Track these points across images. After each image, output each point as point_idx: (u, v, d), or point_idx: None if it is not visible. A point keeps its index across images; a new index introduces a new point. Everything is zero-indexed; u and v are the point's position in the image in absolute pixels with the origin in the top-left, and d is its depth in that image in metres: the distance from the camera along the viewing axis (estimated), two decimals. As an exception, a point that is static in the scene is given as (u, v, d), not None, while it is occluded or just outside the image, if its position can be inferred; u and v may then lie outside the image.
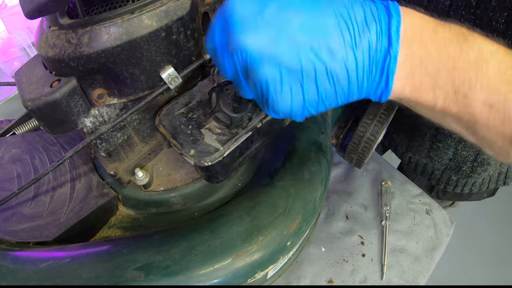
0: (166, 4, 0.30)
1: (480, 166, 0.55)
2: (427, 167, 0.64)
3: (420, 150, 0.60)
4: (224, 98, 0.32)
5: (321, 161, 0.42)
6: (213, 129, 0.34)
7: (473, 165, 0.56)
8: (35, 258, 0.34)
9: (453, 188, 0.63)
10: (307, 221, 0.38)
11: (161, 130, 0.35)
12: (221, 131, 0.34)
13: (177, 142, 0.33)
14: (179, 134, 0.34)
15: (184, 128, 0.34)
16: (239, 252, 0.34)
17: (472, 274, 1.32)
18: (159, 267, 0.32)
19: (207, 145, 0.33)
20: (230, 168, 0.36)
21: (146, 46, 0.30)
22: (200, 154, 0.32)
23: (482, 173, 0.57)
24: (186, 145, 0.33)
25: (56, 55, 0.30)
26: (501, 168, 0.57)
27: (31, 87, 0.32)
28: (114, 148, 0.37)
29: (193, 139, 0.33)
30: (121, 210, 0.42)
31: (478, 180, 0.60)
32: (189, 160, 0.32)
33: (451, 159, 0.57)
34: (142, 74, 0.32)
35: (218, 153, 0.32)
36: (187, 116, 0.35)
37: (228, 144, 0.33)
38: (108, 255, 0.34)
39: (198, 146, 0.33)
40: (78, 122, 0.33)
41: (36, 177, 0.34)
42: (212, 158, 0.32)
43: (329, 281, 0.49)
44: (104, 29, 0.29)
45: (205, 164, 0.32)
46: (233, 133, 0.33)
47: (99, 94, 0.33)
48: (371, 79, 0.21)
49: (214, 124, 0.34)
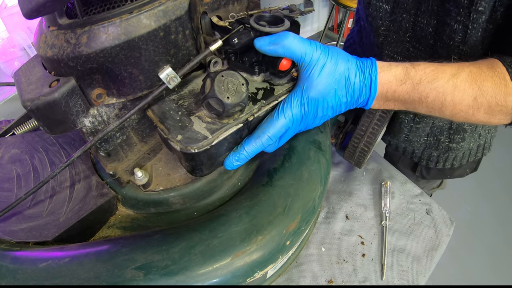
0: (165, 4, 0.30)
1: (457, 133, 0.58)
2: (407, 149, 0.67)
3: (398, 136, 0.64)
4: (219, 84, 0.32)
5: (320, 161, 0.42)
6: (203, 117, 0.33)
7: (449, 133, 0.58)
8: (34, 258, 0.34)
9: (435, 164, 0.65)
10: (306, 221, 0.38)
11: (149, 114, 0.34)
12: (211, 120, 0.33)
13: (164, 127, 0.32)
14: (167, 119, 0.33)
15: (173, 114, 0.33)
16: (238, 252, 0.34)
17: (472, 274, 1.32)
18: (158, 267, 0.32)
19: (196, 132, 0.32)
20: (216, 161, 0.35)
21: (144, 46, 0.30)
22: (188, 140, 0.31)
23: (461, 142, 0.59)
24: (173, 130, 0.32)
25: (55, 55, 0.30)
26: (480, 140, 0.61)
27: (30, 87, 0.32)
28: (113, 148, 0.37)
29: (182, 125, 0.32)
30: (121, 210, 0.42)
31: (458, 154, 0.62)
32: (175, 146, 0.31)
33: (428, 134, 0.60)
34: (140, 73, 0.32)
35: (206, 141, 0.31)
36: (178, 102, 0.35)
37: (217, 133, 0.32)
38: (107, 254, 0.34)
39: (186, 132, 0.32)
40: (77, 122, 0.33)
41: (44, 180, 0.33)
42: (200, 145, 0.31)
43: (329, 281, 0.49)
44: (102, 29, 0.29)
45: (191, 151, 0.31)
46: (223, 123, 0.33)
47: (98, 94, 0.33)
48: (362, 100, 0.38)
49: (204, 112, 0.34)
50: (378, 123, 0.44)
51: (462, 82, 0.35)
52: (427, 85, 0.35)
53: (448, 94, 0.35)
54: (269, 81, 0.38)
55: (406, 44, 0.51)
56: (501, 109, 0.36)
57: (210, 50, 0.34)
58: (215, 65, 0.37)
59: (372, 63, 0.35)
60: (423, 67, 0.36)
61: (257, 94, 0.37)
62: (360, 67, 0.35)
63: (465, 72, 0.35)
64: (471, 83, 0.35)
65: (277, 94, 0.36)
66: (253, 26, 0.36)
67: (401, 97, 0.36)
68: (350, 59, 0.36)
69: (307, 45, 0.34)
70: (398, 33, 0.50)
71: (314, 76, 0.34)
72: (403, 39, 0.50)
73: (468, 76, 0.35)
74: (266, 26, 0.36)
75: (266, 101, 0.36)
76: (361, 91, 0.36)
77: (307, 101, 0.35)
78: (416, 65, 0.36)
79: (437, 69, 0.36)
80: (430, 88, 0.35)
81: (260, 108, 0.35)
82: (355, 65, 0.35)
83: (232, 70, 0.33)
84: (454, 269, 1.32)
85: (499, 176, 1.65)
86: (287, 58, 0.36)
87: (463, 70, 0.35)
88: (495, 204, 1.55)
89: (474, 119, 0.37)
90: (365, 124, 0.44)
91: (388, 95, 0.36)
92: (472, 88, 0.35)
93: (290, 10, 0.41)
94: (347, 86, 0.35)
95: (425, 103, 0.36)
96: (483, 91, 0.35)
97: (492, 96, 0.35)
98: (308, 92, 0.35)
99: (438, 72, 0.35)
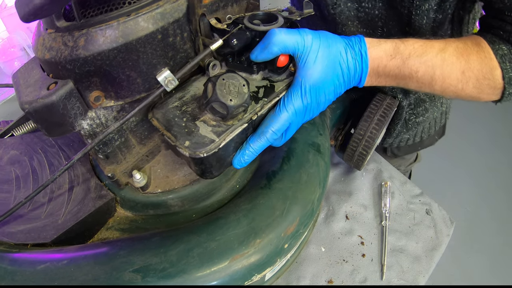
0: (162, 6, 0.30)
1: (418, 106, 0.60)
2: (384, 140, 0.68)
3: None
4: (221, 88, 0.32)
5: (319, 163, 0.42)
6: (208, 121, 0.34)
7: (410, 109, 0.61)
8: (33, 260, 0.34)
9: (406, 142, 0.67)
10: (304, 224, 0.38)
11: (154, 123, 0.34)
12: (217, 123, 0.33)
13: (171, 134, 0.33)
14: (173, 126, 0.33)
15: (178, 121, 0.34)
16: (236, 255, 0.34)
17: (472, 274, 1.32)
18: (156, 270, 0.32)
19: (202, 137, 0.32)
20: (225, 162, 0.35)
21: (142, 49, 0.30)
22: (195, 145, 0.31)
23: (425, 113, 0.62)
24: (180, 137, 0.32)
25: (52, 58, 0.30)
26: (442, 107, 0.65)
27: (28, 90, 0.32)
28: (112, 150, 0.37)
29: (188, 131, 0.33)
30: (119, 211, 0.42)
31: (425, 125, 0.65)
32: (184, 152, 0.31)
33: (402, 124, 0.62)
34: (138, 76, 0.32)
35: (213, 144, 0.32)
36: (181, 109, 0.35)
37: (223, 135, 0.32)
38: (106, 257, 0.34)
39: (193, 137, 0.32)
40: (75, 125, 0.33)
41: (44, 183, 0.33)
42: (208, 149, 0.31)
43: (329, 281, 0.49)
44: (100, 32, 0.29)
45: (200, 156, 0.31)
46: (228, 125, 0.33)
47: (96, 96, 0.33)
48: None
49: (209, 116, 0.34)
50: (376, 127, 0.44)
51: (450, 56, 0.36)
52: (416, 59, 0.36)
53: (437, 68, 0.36)
54: (268, 78, 0.38)
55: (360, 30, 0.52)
56: (489, 83, 0.37)
57: (211, 49, 0.34)
58: (213, 68, 0.37)
59: (360, 39, 0.36)
60: (412, 42, 0.37)
61: (258, 93, 0.37)
62: (349, 44, 0.36)
63: (452, 47, 0.37)
64: (458, 57, 0.36)
65: (277, 91, 0.37)
66: (247, 25, 0.36)
67: (392, 72, 0.37)
68: (339, 38, 0.36)
69: (296, 34, 0.34)
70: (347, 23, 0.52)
71: (310, 63, 0.34)
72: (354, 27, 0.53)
73: (455, 50, 0.37)
74: (261, 24, 0.36)
75: (268, 99, 0.36)
76: (355, 68, 0.36)
77: (307, 90, 0.35)
78: (405, 41, 0.37)
79: (426, 44, 0.37)
80: (419, 62, 0.36)
81: (262, 106, 0.36)
82: (345, 43, 0.36)
83: (232, 72, 0.33)
84: (454, 269, 1.32)
85: (499, 176, 1.64)
86: (284, 54, 0.36)
87: (450, 45, 0.37)
88: (495, 204, 1.54)
89: (464, 94, 0.39)
90: (363, 128, 0.44)
91: (379, 70, 0.37)
92: (460, 62, 0.36)
93: (290, 12, 0.41)
94: (342, 65, 0.36)
95: (415, 77, 0.37)
96: (470, 64, 0.36)
97: (478, 70, 0.37)
98: (307, 82, 0.35)
99: (427, 47, 0.37)
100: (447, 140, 2.01)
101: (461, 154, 1.72)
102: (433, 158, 1.65)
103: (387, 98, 0.47)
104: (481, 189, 1.59)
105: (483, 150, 1.75)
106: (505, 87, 0.38)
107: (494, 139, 1.80)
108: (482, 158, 1.71)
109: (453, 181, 1.62)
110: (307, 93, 0.36)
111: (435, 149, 0.76)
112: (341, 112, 0.54)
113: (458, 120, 1.85)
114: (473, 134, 1.82)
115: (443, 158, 1.68)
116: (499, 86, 0.38)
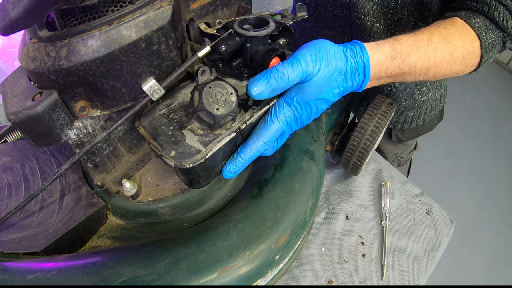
0: (146, 14, 0.29)
1: (422, 86, 0.64)
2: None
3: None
4: (208, 96, 0.31)
5: (312, 171, 0.41)
6: (195, 130, 0.33)
7: (418, 89, 0.64)
8: (23, 269, 0.34)
9: (409, 124, 0.69)
10: (296, 234, 0.37)
11: (140, 131, 0.34)
12: (204, 132, 0.32)
13: (157, 144, 0.32)
14: (159, 135, 0.32)
15: (165, 129, 0.33)
16: (225, 267, 0.33)
17: (472, 274, 1.30)
18: (143, 281, 0.32)
19: (189, 146, 0.31)
20: (213, 172, 0.35)
21: (125, 58, 0.29)
22: (181, 155, 0.31)
23: (428, 93, 0.65)
24: (166, 146, 0.31)
25: (36, 68, 0.29)
26: (441, 90, 0.69)
27: (14, 100, 0.32)
28: (101, 159, 0.37)
29: (174, 140, 0.32)
30: (111, 219, 0.42)
31: (428, 106, 0.69)
32: (169, 162, 0.31)
33: (406, 98, 0.65)
34: (123, 86, 0.31)
35: (200, 154, 0.31)
36: (168, 117, 0.34)
37: (210, 145, 0.31)
38: (94, 267, 0.34)
39: (179, 147, 0.31)
40: (62, 135, 0.33)
41: (33, 193, 0.33)
42: (194, 159, 0.30)
43: (329, 281, 0.48)
44: (81, 42, 0.28)
45: (186, 166, 0.30)
46: (216, 134, 0.32)
47: (81, 106, 0.32)
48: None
49: (196, 125, 0.33)
50: (370, 138, 0.42)
51: (438, 44, 0.39)
52: (413, 55, 0.38)
53: (431, 58, 0.39)
54: None
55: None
56: (471, 56, 0.41)
57: (198, 57, 0.32)
58: (203, 74, 0.36)
59: (361, 48, 0.36)
60: (404, 39, 0.38)
61: (248, 100, 0.36)
62: (350, 55, 0.35)
63: (436, 34, 0.39)
64: (444, 42, 0.39)
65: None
66: (237, 30, 0.35)
67: (393, 72, 0.38)
68: (338, 52, 0.35)
69: (299, 67, 0.32)
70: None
71: (306, 84, 0.33)
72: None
73: (439, 37, 0.39)
74: (251, 29, 0.35)
75: (257, 107, 0.35)
76: (354, 78, 0.36)
77: (300, 103, 0.35)
78: (398, 39, 0.38)
79: (416, 38, 0.39)
80: (417, 57, 0.38)
81: (252, 115, 0.34)
82: (344, 55, 0.35)
83: (220, 80, 0.32)
84: (454, 269, 1.30)
85: (499, 176, 1.62)
86: (276, 58, 0.35)
87: (434, 33, 0.39)
88: (495, 204, 1.52)
89: (452, 73, 0.42)
90: (357, 139, 0.43)
91: (381, 73, 0.38)
92: (447, 46, 0.39)
93: (282, 16, 0.39)
94: (339, 79, 0.35)
95: (413, 72, 0.39)
96: (455, 45, 0.40)
97: (463, 47, 0.40)
98: (299, 97, 0.34)
99: (418, 41, 0.38)
100: (447, 140, 1.99)
101: (461, 154, 1.70)
102: (433, 158, 1.63)
103: (382, 106, 0.45)
104: (481, 189, 1.57)
105: (483, 150, 1.73)
106: (482, 55, 0.41)
107: (494, 139, 1.77)
108: (482, 159, 1.69)
109: (453, 181, 1.59)
110: (299, 105, 0.35)
111: (436, 149, 0.74)
112: (337, 116, 0.53)
113: (458, 120, 1.82)
114: (473, 134, 1.80)
115: (443, 158, 1.66)
116: (478, 56, 0.41)
